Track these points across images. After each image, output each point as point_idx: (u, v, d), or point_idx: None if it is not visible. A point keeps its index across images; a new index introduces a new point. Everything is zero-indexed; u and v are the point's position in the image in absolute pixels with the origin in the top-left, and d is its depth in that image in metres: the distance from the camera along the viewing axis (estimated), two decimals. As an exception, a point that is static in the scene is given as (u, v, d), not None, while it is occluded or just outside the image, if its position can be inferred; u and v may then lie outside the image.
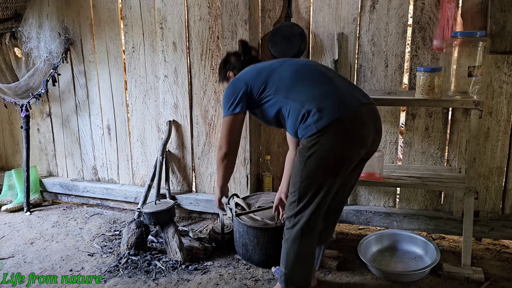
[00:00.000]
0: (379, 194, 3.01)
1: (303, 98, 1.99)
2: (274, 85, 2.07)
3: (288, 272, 2.11)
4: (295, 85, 2.04)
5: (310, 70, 2.11)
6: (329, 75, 2.10)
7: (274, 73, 2.10)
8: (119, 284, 2.46)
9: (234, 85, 2.14)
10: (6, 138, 3.92)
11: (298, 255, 2.08)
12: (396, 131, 2.89)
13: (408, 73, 2.80)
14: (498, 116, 2.68)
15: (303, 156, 1.97)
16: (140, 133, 3.43)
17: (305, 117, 1.96)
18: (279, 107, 2.05)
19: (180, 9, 3.10)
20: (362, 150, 2.03)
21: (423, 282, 2.42)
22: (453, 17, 2.49)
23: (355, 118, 1.97)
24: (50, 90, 3.46)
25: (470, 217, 2.42)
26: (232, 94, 2.11)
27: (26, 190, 3.52)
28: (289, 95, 2.02)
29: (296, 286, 2.14)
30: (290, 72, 2.08)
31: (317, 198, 2.00)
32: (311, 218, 2.03)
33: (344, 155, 1.97)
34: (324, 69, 2.16)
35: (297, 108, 1.98)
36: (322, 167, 1.97)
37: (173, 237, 2.67)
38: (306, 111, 1.95)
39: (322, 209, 2.06)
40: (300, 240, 2.05)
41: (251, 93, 2.10)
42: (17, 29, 3.39)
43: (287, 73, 2.08)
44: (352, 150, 1.99)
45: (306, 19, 2.91)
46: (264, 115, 2.15)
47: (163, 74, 3.25)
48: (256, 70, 2.16)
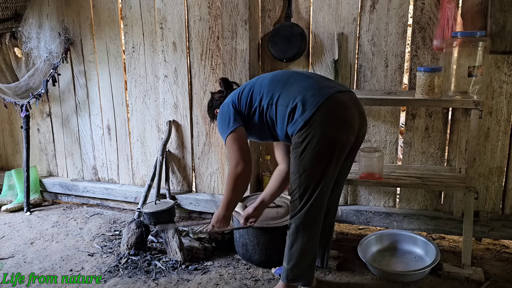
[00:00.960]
0: (379, 194, 3.01)
1: (284, 99, 2.07)
2: (257, 96, 2.16)
3: (291, 268, 2.13)
4: (273, 90, 2.13)
5: (284, 73, 2.22)
6: (303, 72, 2.24)
7: (254, 86, 2.21)
8: (119, 284, 2.47)
9: (222, 109, 2.23)
10: (6, 138, 3.92)
11: (302, 250, 2.10)
12: (396, 131, 2.89)
13: (408, 73, 2.80)
14: (498, 116, 2.68)
15: (297, 151, 2.02)
16: (140, 133, 3.43)
17: (291, 114, 2.03)
18: (267, 117, 2.14)
19: (180, 9, 3.10)
20: (351, 135, 2.07)
21: (423, 282, 2.42)
22: (453, 17, 2.49)
23: (337, 102, 2.03)
24: (50, 90, 3.46)
25: (470, 217, 2.42)
26: (225, 117, 2.18)
27: (26, 190, 3.52)
28: (271, 101, 2.11)
29: (298, 282, 2.15)
30: (267, 81, 2.19)
31: (317, 190, 2.03)
32: (313, 212, 2.06)
33: (335, 140, 2.01)
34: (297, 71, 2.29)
35: (282, 109, 2.07)
36: (317, 156, 2.00)
37: (173, 237, 2.68)
38: (290, 109, 2.04)
39: (324, 201, 2.10)
40: (304, 235, 2.08)
41: (239, 110, 2.19)
42: (17, 29, 3.39)
43: (264, 82, 2.19)
44: (341, 133, 2.03)
45: (306, 19, 2.91)
46: (258, 129, 2.22)
47: (163, 74, 3.25)
48: (237, 91, 2.26)
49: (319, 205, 2.08)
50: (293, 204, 2.10)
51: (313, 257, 2.17)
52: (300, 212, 2.07)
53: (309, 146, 1.99)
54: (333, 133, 2.01)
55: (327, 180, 2.05)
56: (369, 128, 2.90)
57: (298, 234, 2.09)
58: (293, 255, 2.12)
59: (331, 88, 2.06)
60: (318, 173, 2.03)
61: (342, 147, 2.04)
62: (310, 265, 2.17)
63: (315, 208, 2.06)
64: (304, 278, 2.16)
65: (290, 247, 2.13)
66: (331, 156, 2.01)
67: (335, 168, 2.07)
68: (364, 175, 2.59)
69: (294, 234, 2.10)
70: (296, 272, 2.13)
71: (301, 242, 2.09)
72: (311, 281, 2.20)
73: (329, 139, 2.00)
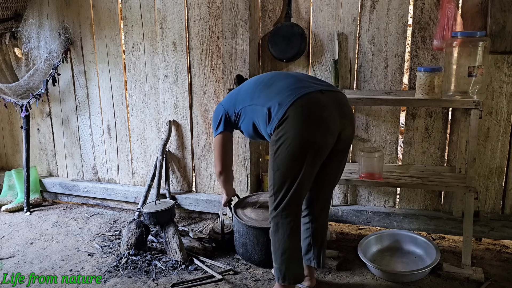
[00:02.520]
0: (379, 194, 3.01)
1: (263, 99, 2.11)
2: (240, 102, 2.24)
3: (279, 267, 2.12)
4: (255, 92, 2.18)
5: (267, 75, 2.26)
6: (287, 73, 2.27)
7: (240, 90, 2.29)
8: (119, 284, 2.47)
9: (217, 109, 2.37)
10: (6, 138, 3.92)
11: (284, 248, 2.09)
12: (396, 131, 2.89)
13: (408, 73, 2.80)
14: (498, 116, 2.68)
15: (273, 149, 2.04)
16: (140, 133, 3.43)
17: (269, 115, 2.05)
18: (251, 119, 2.19)
19: (180, 9, 3.10)
20: (328, 137, 2.02)
21: (423, 282, 2.42)
22: (453, 17, 2.49)
23: (312, 102, 2.00)
24: (50, 90, 3.46)
25: (470, 217, 2.42)
26: (216, 118, 2.35)
27: (26, 190, 3.52)
28: (252, 102, 2.17)
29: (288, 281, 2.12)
30: (252, 84, 2.25)
31: (292, 189, 2.03)
32: (289, 210, 2.06)
33: (309, 141, 1.98)
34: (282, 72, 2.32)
35: (262, 110, 2.10)
36: (291, 155, 2.00)
37: (173, 237, 2.67)
38: (267, 109, 2.06)
39: (300, 200, 2.10)
40: (283, 232, 2.07)
41: (229, 115, 2.30)
42: (17, 29, 3.39)
43: (250, 84, 2.27)
44: (317, 135, 1.99)
45: (306, 19, 2.91)
46: (246, 131, 2.30)
47: (163, 74, 3.25)
48: (230, 94, 2.36)
49: (295, 203, 2.07)
50: (270, 200, 2.11)
51: (297, 253, 2.13)
52: (277, 210, 2.07)
53: (283, 145, 1.99)
54: (307, 133, 1.98)
55: (302, 180, 2.02)
56: (369, 128, 2.91)
57: (278, 232, 2.09)
58: (277, 254, 2.11)
59: (310, 87, 2.05)
60: (291, 172, 2.02)
61: (317, 148, 2.00)
62: (297, 263, 2.14)
63: (290, 207, 2.05)
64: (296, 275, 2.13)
65: (273, 246, 2.13)
66: (304, 157, 1.99)
67: (312, 169, 2.04)
68: (364, 175, 2.59)
69: (274, 232, 2.10)
70: (285, 270, 2.11)
71: (282, 240, 2.08)
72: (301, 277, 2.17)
73: (303, 139, 1.98)
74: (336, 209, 2.99)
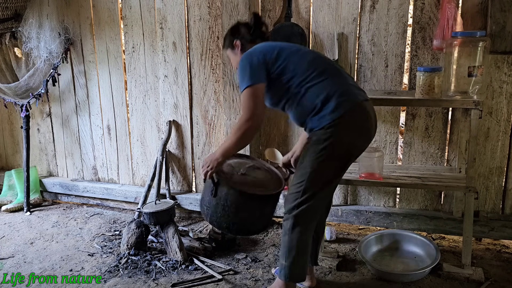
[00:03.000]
0: (379, 194, 3.01)
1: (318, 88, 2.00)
2: (291, 68, 2.03)
3: (289, 265, 2.10)
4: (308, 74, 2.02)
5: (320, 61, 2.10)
6: (338, 68, 2.16)
7: (290, 58, 2.05)
8: (119, 284, 2.46)
9: (251, 57, 2.05)
10: (6, 138, 3.92)
11: (300, 246, 2.08)
12: (396, 131, 2.89)
13: (408, 73, 2.80)
14: (498, 116, 2.68)
15: (317, 147, 1.99)
16: (140, 133, 3.43)
17: (318, 108, 1.99)
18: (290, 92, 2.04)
19: (180, 9, 3.10)
20: (366, 144, 2.12)
21: (423, 282, 2.42)
22: (453, 17, 2.49)
23: (363, 111, 2.05)
24: (50, 90, 3.47)
25: (470, 217, 2.42)
26: (252, 67, 2.02)
27: (26, 190, 3.52)
28: (303, 83, 2.01)
29: (294, 279, 2.14)
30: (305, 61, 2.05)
31: (322, 191, 2.05)
32: (312, 210, 2.06)
33: (355, 146, 2.06)
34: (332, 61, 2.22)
35: (311, 97, 2.00)
36: (334, 158, 2.01)
37: (173, 237, 2.67)
38: (320, 101, 1.99)
39: (325, 201, 2.13)
40: (300, 231, 2.07)
41: (267, 66, 2.04)
42: (17, 29, 3.39)
43: (302, 61, 2.05)
44: (361, 142, 2.08)
45: (306, 19, 2.91)
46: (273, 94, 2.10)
47: (163, 74, 3.25)
48: (273, 46, 2.10)
49: (319, 205, 2.09)
50: (292, 196, 2.05)
51: (308, 254, 2.16)
52: (299, 208, 2.04)
53: (330, 146, 1.97)
54: (356, 141, 2.05)
55: (333, 184, 2.09)
56: (369, 128, 2.91)
57: (295, 230, 2.06)
58: (291, 251, 2.09)
59: (359, 94, 2.07)
60: (328, 175, 2.04)
61: (357, 155, 2.11)
62: (305, 262, 2.16)
63: (314, 208, 2.06)
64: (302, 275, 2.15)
65: (287, 243, 2.09)
66: (346, 163, 2.05)
67: (343, 173, 2.10)
68: (364, 175, 2.58)
69: (291, 230, 2.07)
70: (293, 269, 2.11)
71: (298, 238, 2.08)
72: (305, 276, 2.19)
73: (351, 145, 2.03)
74: (336, 209, 2.99)
